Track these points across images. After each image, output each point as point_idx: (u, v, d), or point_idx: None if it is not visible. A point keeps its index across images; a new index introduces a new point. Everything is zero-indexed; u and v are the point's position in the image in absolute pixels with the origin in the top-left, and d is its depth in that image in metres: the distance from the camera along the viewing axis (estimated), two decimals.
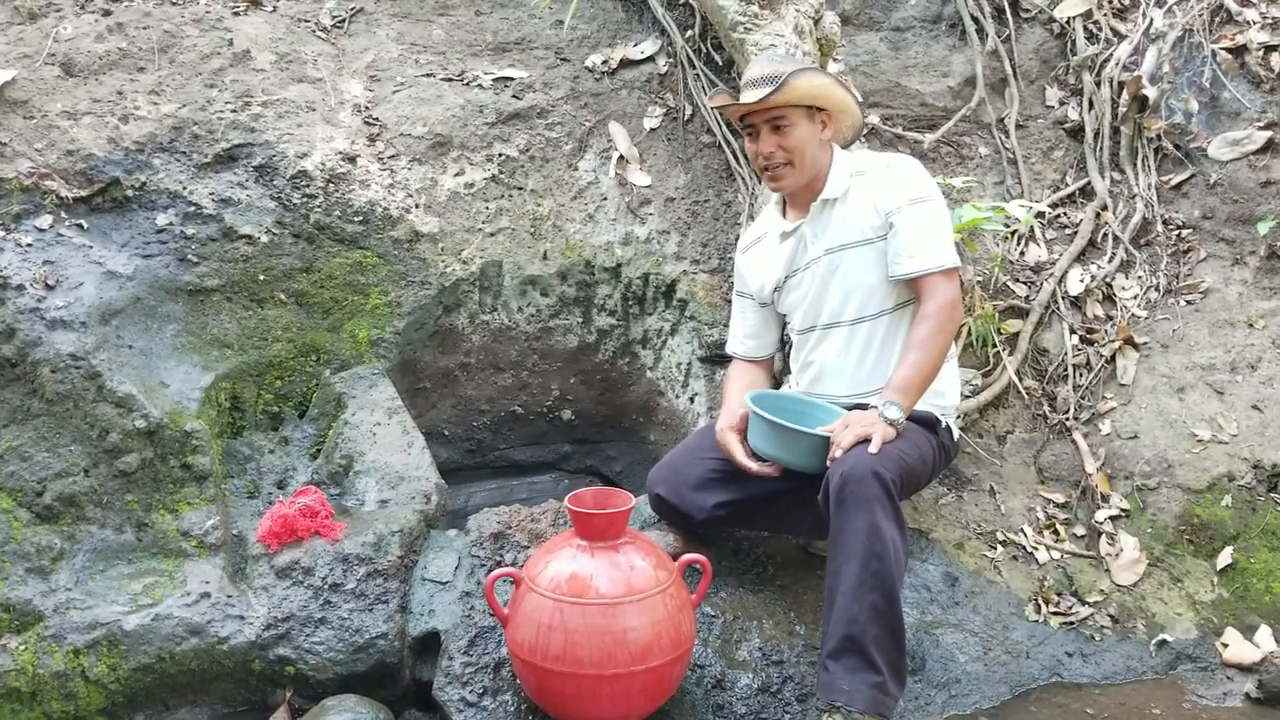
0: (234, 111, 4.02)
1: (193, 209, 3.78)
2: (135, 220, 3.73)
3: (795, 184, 3.31)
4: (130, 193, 3.74)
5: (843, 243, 3.27)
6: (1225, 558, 3.71)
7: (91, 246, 3.59)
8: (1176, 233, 4.50)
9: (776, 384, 3.68)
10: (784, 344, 3.71)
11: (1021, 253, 4.50)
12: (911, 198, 3.19)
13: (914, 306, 3.24)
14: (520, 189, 4.28)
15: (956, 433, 3.42)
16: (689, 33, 4.61)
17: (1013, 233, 4.51)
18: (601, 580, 2.86)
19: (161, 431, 3.32)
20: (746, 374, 3.59)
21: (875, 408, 3.01)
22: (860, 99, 3.20)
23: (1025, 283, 4.41)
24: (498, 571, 3.00)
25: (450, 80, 4.48)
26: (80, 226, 3.63)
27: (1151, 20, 4.80)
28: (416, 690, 3.23)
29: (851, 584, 2.82)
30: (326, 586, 3.18)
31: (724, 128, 4.46)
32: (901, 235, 3.17)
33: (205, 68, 4.13)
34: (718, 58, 4.55)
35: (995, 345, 4.16)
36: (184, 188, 3.80)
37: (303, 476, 3.64)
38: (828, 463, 2.92)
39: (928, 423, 3.22)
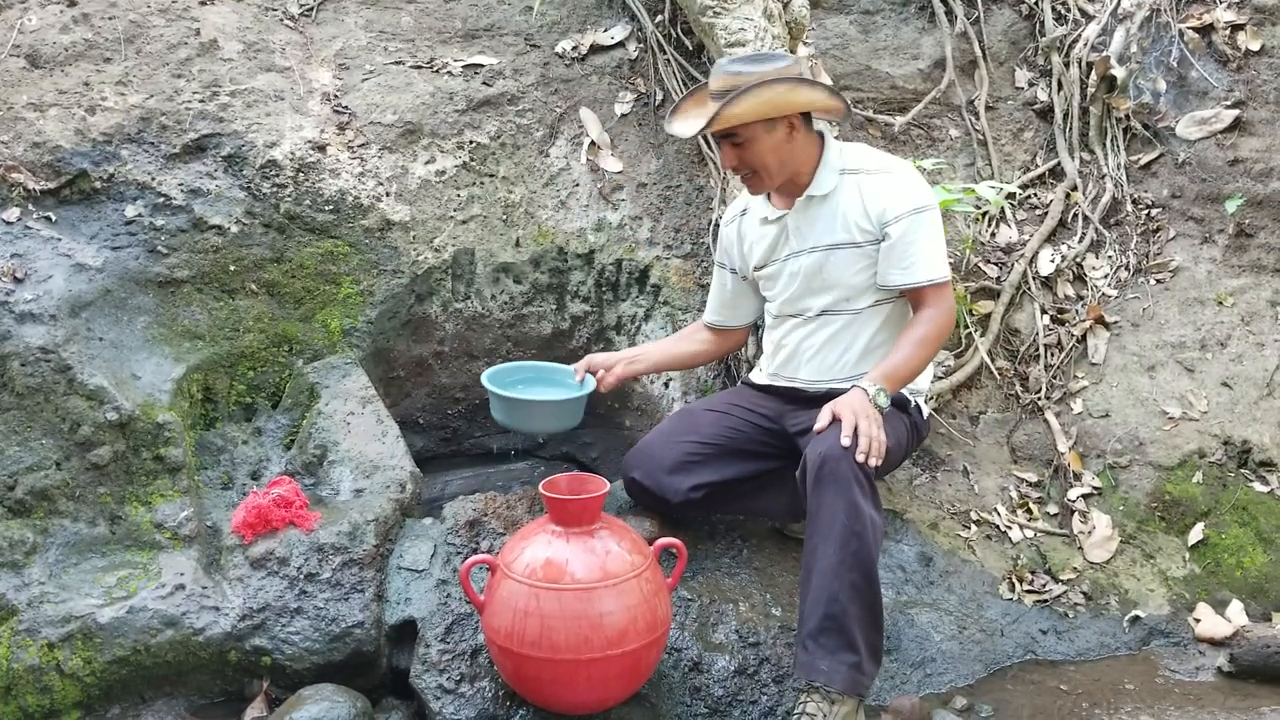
0: (202, 101, 3.99)
1: (162, 200, 3.76)
2: (104, 212, 3.70)
3: (770, 187, 3.27)
4: (98, 184, 3.71)
5: (830, 242, 3.22)
6: (1196, 534, 3.74)
7: (60, 239, 3.56)
8: (1146, 212, 4.52)
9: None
10: (757, 327, 3.72)
11: (992, 234, 4.52)
12: (912, 208, 3.13)
13: (891, 305, 3.24)
14: (492, 176, 4.27)
15: (926, 411, 3.43)
16: (659, 17, 4.60)
17: (983, 214, 4.53)
18: (577, 565, 2.86)
19: (133, 424, 3.30)
20: (696, 334, 3.68)
21: (860, 388, 2.96)
22: (830, 83, 3.14)
23: (996, 264, 4.42)
24: (473, 559, 2.99)
25: (420, 68, 4.46)
26: (48, 219, 3.60)
27: (1119, 0, 4.82)
28: (394, 678, 3.22)
29: (831, 563, 2.84)
30: (302, 576, 3.17)
31: None
32: (898, 247, 3.12)
33: (172, 58, 4.10)
34: (688, 42, 4.55)
35: (967, 326, 4.18)
36: (152, 179, 3.78)
37: (276, 467, 3.63)
38: (842, 441, 2.86)
39: (899, 404, 3.23)
